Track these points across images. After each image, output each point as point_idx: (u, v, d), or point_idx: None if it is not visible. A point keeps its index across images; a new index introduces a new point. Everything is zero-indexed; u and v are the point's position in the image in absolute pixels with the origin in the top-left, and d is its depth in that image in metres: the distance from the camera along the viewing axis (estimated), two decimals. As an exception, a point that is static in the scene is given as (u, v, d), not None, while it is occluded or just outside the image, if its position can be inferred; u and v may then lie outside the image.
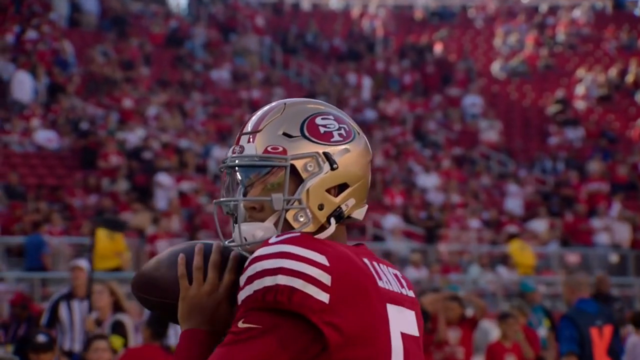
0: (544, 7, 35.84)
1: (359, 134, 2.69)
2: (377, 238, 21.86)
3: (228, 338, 2.46)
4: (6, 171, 19.62)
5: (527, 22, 34.59)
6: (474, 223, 22.75)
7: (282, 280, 2.42)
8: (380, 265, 2.64)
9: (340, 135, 2.63)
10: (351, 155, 2.64)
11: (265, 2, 35.23)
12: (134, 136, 21.65)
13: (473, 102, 29.77)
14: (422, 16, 35.82)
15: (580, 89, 30.85)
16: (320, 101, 2.72)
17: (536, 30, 34.10)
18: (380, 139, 26.78)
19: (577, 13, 34.87)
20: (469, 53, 33.26)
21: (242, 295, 2.46)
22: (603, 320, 8.58)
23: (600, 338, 8.50)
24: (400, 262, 19.85)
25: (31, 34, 24.40)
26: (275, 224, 2.58)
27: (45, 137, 21.18)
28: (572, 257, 21.57)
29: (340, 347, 2.44)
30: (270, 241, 2.48)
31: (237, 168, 2.64)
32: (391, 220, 21.86)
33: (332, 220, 2.61)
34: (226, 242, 2.64)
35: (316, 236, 2.57)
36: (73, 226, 18.00)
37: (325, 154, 2.60)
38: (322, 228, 2.62)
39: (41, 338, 8.56)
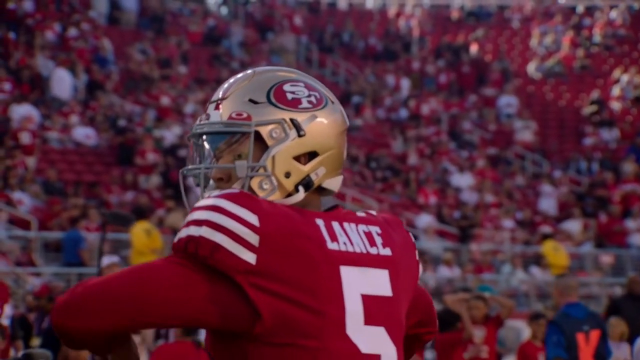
0: (580, 8, 35.72)
1: (332, 102, 2.59)
2: (411, 237, 21.89)
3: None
4: (45, 167, 19.89)
5: (563, 23, 34.50)
6: (508, 223, 22.78)
7: (205, 232, 2.33)
8: (345, 225, 2.51)
9: (309, 102, 2.54)
10: (321, 123, 2.53)
11: (302, 1, 35.35)
12: (170, 134, 21.86)
13: (508, 102, 29.75)
14: (458, 16, 35.82)
15: (615, 90, 30.75)
16: (293, 70, 2.64)
17: (572, 31, 34.01)
18: (415, 138, 26.83)
19: (613, 14, 34.72)
20: (505, 53, 33.23)
21: (175, 240, 2.40)
22: (590, 325, 8.56)
23: (586, 343, 8.50)
24: (433, 261, 19.89)
25: (71, 32, 24.68)
26: None
27: (84, 134, 21.44)
28: (606, 258, 21.55)
29: (275, 313, 2.33)
30: (211, 194, 2.44)
31: (204, 137, 2.56)
32: (425, 220, 21.90)
33: (301, 189, 2.51)
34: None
35: (281, 201, 2.49)
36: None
37: (292, 120, 2.50)
38: (288, 196, 2.52)
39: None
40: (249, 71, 2.61)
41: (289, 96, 2.53)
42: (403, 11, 35.36)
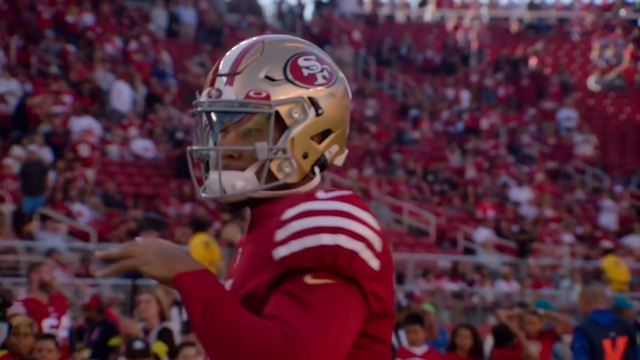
0: (641, 21, 35.34)
1: (339, 75, 2.46)
2: (469, 251, 21.77)
3: (297, 294, 2.17)
4: (104, 180, 20.04)
5: (624, 36, 34.11)
6: (567, 238, 22.55)
7: (342, 241, 2.17)
8: None
9: (323, 77, 2.40)
10: (335, 100, 2.40)
11: (360, 13, 35.33)
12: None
13: (568, 115, 29.48)
14: (517, 29, 35.58)
15: (678, 104, 30.35)
16: (299, 39, 2.49)
17: (633, 44, 33.62)
18: (473, 152, 26.67)
19: (676, 26, 34.31)
20: (565, 66, 32.94)
21: (283, 251, 2.20)
22: (617, 332, 8.53)
23: (613, 349, 8.45)
24: (491, 275, 19.74)
25: (131, 45, 24.89)
26: (257, 175, 2.35)
27: (142, 146, 21.57)
28: (668, 274, 21.23)
29: (378, 316, 2.28)
30: (320, 196, 2.25)
31: (212, 113, 2.39)
32: (483, 234, 21.76)
33: (317, 170, 2.40)
34: (202, 194, 2.41)
35: (302, 188, 2.38)
36: (168, 234, 18.29)
37: (310, 98, 2.36)
38: (305, 178, 2.40)
39: (138, 345, 8.72)
40: (255, 39, 2.45)
41: (305, 72, 2.39)
42: (461, 24, 35.21)
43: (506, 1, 37.22)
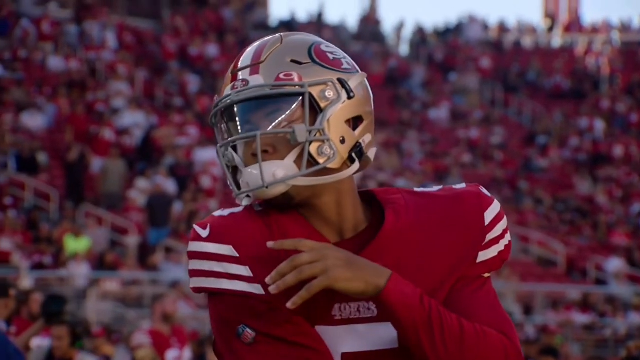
0: None
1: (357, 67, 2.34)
2: (600, 282, 21.28)
3: (478, 284, 2.27)
4: (227, 210, 20.10)
5: None
6: None
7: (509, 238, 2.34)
8: None
9: (347, 63, 2.28)
10: (363, 85, 2.28)
11: (485, 40, 34.98)
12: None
13: (703, 141, 28.58)
14: (650, 52, 34.73)
15: None
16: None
17: None
18: (604, 180, 26.10)
19: None
20: (700, 90, 31.96)
21: (492, 252, 2.27)
22: None
23: None
24: (623, 307, 19.20)
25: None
26: (296, 163, 2.21)
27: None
28: None
29: None
30: (485, 192, 2.31)
31: (238, 105, 2.24)
32: (614, 264, 21.37)
33: (354, 157, 2.25)
34: (238, 192, 2.24)
35: (341, 174, 2.24)
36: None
37: (340, 80, 2.24)
38: (343, 166, 2.25)
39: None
40: (272, 37, 2.32)
41: (330, 56, 2.27)
42: (591, 48, 34.53)
43: (638, 24, 36.39)
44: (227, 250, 2.20)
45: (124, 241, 18.16)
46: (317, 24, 31.99)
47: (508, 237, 2.31)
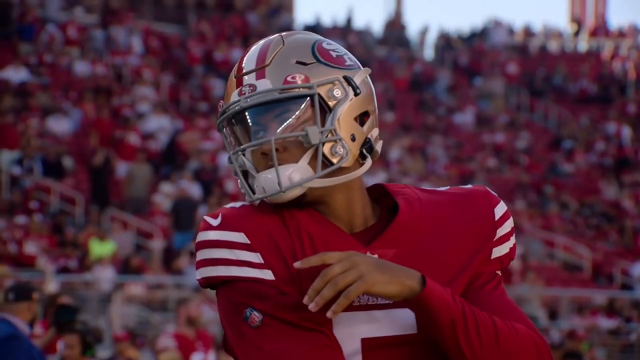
0: None
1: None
2: (626, 286, 21.16)
3: (496, 282, 2.29)
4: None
5: None
6: None
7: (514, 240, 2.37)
8: None
9: (349, 59, 2.30)
10: (366, 81, 2.31)
11: (511, 44, 34.86)
12: (375, 180, 21.78)
13: None
14: (677, 56, 34.50)
15: None
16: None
17: None
18: (630, 184, 25.97)
19: None
20: None
21: (505, 249, 2.30)
22: None
23: None
24: (649, 312, 19.08)
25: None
26: (311, 165, 2.22)
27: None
28: None
29: None
30: (492, 192, 2.35)
31: (247, 111, 2.24)
32: (640, 269, 21.16)
33: (365, 153, 2.27)
34: (253, 197, 2.23)
35: (355, 172, 2.25)
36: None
37: (345, 78, 2.25)
38: (355, 163, 2.27)
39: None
40: (272, 37, 2.32)
41: (333, 54, 2.28)
42: (618, 53, 34.34)
43: (665, 28, 36.16)
44: (238, 237, 2.20)
45: (149, 245, 18.21)
46: (342, 29, 32.01)
47: (513, 239, 2.33)
